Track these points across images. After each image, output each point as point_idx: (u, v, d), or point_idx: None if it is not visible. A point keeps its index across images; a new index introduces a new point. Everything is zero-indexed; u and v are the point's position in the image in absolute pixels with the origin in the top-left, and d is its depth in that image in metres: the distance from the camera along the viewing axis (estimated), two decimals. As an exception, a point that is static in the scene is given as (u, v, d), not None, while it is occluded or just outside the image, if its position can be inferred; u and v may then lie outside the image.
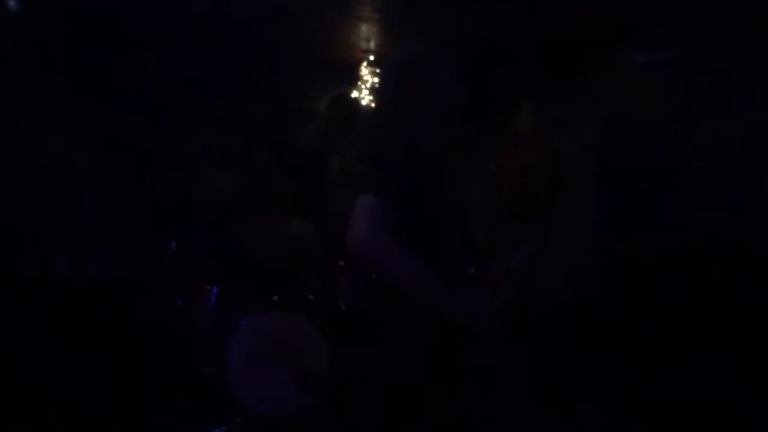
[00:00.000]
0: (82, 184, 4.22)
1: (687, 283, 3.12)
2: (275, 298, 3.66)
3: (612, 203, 3.90)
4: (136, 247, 4.13)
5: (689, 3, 3.21)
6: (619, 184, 3.83)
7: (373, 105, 5.29)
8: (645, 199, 3.60)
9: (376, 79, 5.12)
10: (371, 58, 5.07)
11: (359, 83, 5.24)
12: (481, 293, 1.85)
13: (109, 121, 4.55)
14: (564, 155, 4.55)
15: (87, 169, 4.32)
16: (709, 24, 3.17)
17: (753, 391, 2.74)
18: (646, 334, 3.23)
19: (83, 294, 3.72)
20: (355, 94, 5.36)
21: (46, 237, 3.87)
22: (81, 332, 3.43)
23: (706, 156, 3.24)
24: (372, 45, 4.95)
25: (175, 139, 5.16)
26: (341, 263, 4.17)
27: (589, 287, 3.75)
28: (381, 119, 2.02)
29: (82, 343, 3.37)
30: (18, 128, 3.88)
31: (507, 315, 1.88)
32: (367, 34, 4.80)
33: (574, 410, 3.00)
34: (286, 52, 4.84)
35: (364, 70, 5.14)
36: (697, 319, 3.01)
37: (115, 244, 4.10)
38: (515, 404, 1.81)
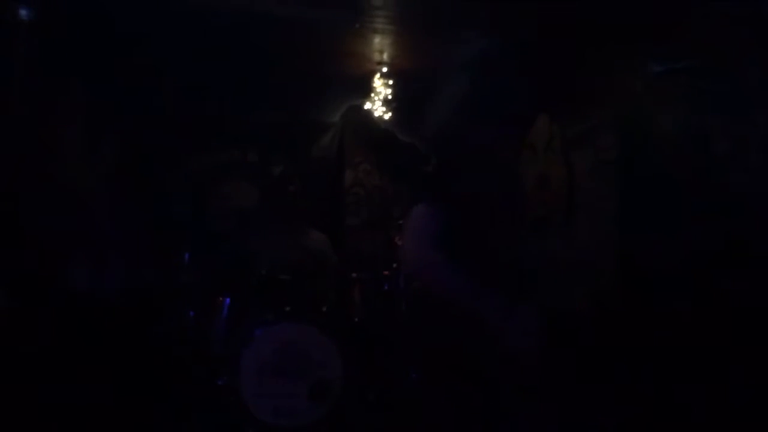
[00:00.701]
0: (98, 196, 4.24)
1: (707, 293, 3.07)
2: (288, 309, 3.66)
3: (630, 214, 3.85)
4: (150, 259, 4.14)
5: (704, 9, 3.19)
6: (637, 195, 3.79)
7: (386, 117, 5.31)
8: (664, 209, 3.56)
9: (389, 91, 5.13)
10: (385, 69, 5.07)
11: (373, 95, 5.24)
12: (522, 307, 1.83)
13: (125, 133, 4.59)
14: (581, 167, 4.51)
15: (102, 182, 4.34)
16: (726, 30, 3.14)
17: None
18: (664, 344, 3.19)
19: (97, 305, 3.73)
20: (368, 105, 5.37)
21: (62, 250, 3.89)
22: (94, 343, 3.43)
23: (725, 164, 3.20)
24: (385, 57, 4.95)
25: (191, 152, 5.19)
26: (355, 275, 4.17)
27: (608, 297, 3.71)
28: (442, 121, 2.02)
29: (94, 353, 3.38)
30: (36, 141, 3.92)
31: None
32: (380, 45, 4.80)
33: (592, 417, 2.97)
34: (299, 64, 4.85)
35: (378, 82, 5.14)
36: (720, 328, 2.96)
37: (129, 257, 4.12)
38: (535, 412, 1.78)
